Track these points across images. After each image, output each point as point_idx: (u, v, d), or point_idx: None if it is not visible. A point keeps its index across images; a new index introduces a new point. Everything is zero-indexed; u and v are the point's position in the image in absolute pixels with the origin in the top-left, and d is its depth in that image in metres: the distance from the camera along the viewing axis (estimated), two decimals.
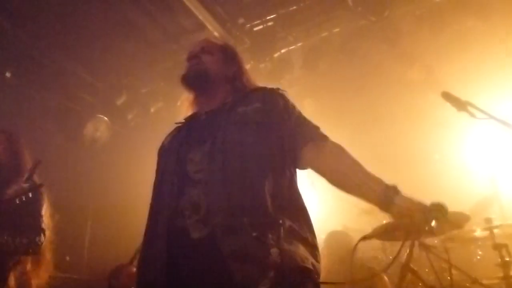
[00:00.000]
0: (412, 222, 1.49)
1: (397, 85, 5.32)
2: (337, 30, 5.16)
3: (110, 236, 5.45)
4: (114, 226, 5.48)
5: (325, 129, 1.77)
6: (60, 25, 4.70)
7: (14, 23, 4.57)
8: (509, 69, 4.70)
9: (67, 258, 4.67)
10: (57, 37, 4.86)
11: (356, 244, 2.22)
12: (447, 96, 2.63)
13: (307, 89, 5.69)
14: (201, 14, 4.69)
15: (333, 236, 4.51)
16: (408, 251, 2.77)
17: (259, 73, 5.18)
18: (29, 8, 4.45)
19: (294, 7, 4.96)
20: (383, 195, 1.52)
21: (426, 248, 2.85)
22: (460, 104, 2.55)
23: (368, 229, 4.64)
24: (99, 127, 5.81)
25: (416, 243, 2.80)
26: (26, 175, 2.54)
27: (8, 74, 4.94)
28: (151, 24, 5.05)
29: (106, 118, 5.89)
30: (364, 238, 2.34)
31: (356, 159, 1.64)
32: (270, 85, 1.90)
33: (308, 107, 5.63)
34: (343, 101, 5.70)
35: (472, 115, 2.53)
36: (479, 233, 3.54)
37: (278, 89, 1.84)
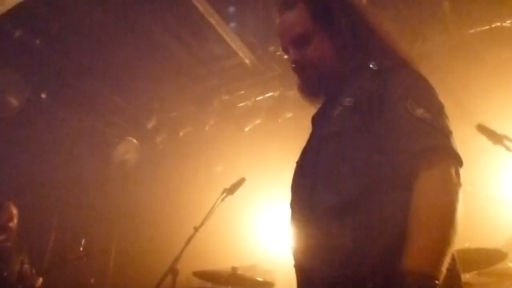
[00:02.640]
0: None
1: None
2: None
3: (135, 259, 5.46)
4: (140, 249, 5.49)
5: None
6: (95, 51, 4.86)
7: (53, 48, 4.75)
8: None
9: (92, 280, 4.70)
10: (91, 62, 5.02)
11: None
12: (483, 129, 2.58)
13: None
14: (232, 41, 4.75)
15: None
16: None
17: (288, 100, 5.17)
18: (67, 35, 4.63)
19: None
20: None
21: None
22: (496, 138, 2.51)
23: None
24: (128, 149, 5.90)
25: None
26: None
27: (43, 95, 5.13)
28: (182, 50, 5.14)
29: (135, 140, 5.99)
30: None
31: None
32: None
33: None
34: None
35: (508, 149, 2.48)
36: None
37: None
